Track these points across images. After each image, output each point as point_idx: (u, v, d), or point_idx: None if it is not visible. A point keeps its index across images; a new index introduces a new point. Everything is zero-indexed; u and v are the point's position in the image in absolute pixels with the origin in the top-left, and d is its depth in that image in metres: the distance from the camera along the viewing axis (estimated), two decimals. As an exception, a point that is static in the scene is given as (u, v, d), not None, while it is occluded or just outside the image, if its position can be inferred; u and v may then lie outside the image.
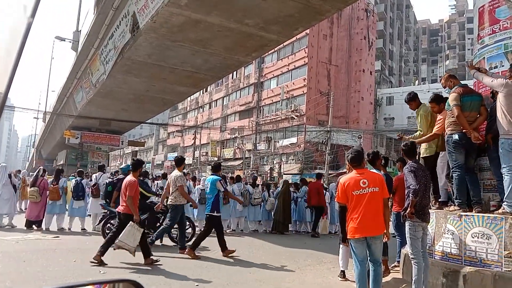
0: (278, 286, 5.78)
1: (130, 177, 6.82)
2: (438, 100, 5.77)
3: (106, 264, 6.33)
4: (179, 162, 8.34)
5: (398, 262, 6.55)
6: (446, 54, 76.56)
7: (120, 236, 6.44)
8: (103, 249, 6.44)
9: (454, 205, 5.35)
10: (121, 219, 6.69)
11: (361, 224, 4.31)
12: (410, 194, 4.74)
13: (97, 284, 1.18)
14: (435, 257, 5.37)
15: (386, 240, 4.61)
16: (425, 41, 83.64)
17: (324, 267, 7.27)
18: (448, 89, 5.66)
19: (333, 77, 41.01)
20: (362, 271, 4.41)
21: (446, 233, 5.26)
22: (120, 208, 6.78)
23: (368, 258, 4.47)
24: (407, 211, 4.77)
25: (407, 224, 4.88)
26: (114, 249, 6.58)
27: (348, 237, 4.52)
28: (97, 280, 1.16)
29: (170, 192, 7.93)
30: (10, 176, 10.88)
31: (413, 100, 6.15)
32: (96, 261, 6.29)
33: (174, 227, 8.39)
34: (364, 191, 4.35)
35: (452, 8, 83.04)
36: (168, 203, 8.06)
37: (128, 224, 6.50)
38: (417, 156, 5.41)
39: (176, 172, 8.03)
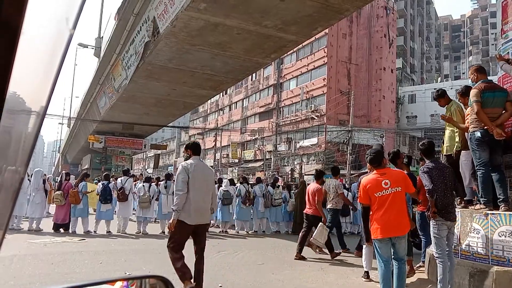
0: (301, 287, 5.78)
1: (315, 185, 8.16)
2: (466, 94, 5.71)
3: (306, 259, 7.73)
4: (319, 175, 8.84)
5: (423, 262, 6.45)
6: (469, 50, 74.90)
7: (313, 235, 7.67)
8: (300, 247, 7.83)
9: (480, 203, 5.25)
10: (310, 220, 8.02)
11: (385, 225, 4.31)
12: (426, 195, 4.76)
13: (126, 280, 1.22)
14: (461, 257, 5.27)
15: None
16: (447, 37, 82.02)
17: (348, 267, 7.23)
18: (472, 83, 5.56)
19: (353, 76, 40.64)
20: (387, 271, 4.39)
21: (472, 232, 5.17)
22: (308, 211, 8.05)
23: (392, 256, 4.45)
24: (429, 211, 4.75)
25: (431, 223, 4.84)
26: (306, 246, 8.03)
27: (372, 238, 4.51)
28: (126, 276, 1.20)
29: (330, 198, 8.95)
30: (44, 181, 11.15)
31: (442, 96, 5.99)
32: (297, 258, 7.66)
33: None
34: (387, 191, 4.33)
35: (474, 3, 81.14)
36: (328, 207, 9.06)
37: (319, 225, 7.73)
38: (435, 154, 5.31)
39: (334, 181, 9.08)
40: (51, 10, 0.61)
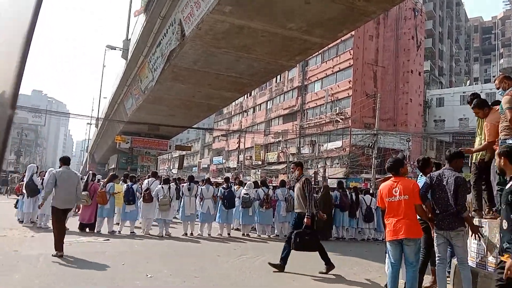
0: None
1: None
2: (482, 105, 5.48)
3: None
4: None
5: (449, 272, 6.26)
6: (500, 52, 72.61)
7: None
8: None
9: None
10: None
11: (393, 228, 4.74)
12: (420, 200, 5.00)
13: None
14: (489, 269, 5.08)
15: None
16: (477, 39, 79.81)
17: (370, 276, 7.09)
18: (502, 90, 5.37)
19: (380, 79, 40.06)
20: (393, 272, 4.83)
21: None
22: None
23: (405, 261, 4.87)
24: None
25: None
26: None
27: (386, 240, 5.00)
28: None
29: None
30: None
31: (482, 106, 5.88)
32: None
33: None
34: (395, 198, 4.80)
35: (506, 4, 78.63)
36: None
37: None
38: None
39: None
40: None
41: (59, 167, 7.77)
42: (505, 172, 3.72)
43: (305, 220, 6.77)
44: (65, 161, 7.77)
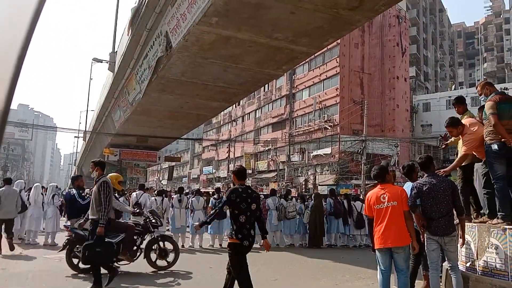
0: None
1: None
2: (456, 124, 5.51)
3: None
4: None
5: (440, 277, 6.31)
6: (484, 56, 73.94)
7: None
8: None
9: (498, 218, 5.13)
10: None
11: (383, 235, 4.71)
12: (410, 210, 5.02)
13: None
14: (479, 273, 5.14)
15: (414, 252, 4.99)
16: (460, 44, 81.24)
17: (363, 282, 7.11)
18: (484, 97, 5.48)
19: (366, 86, 40.46)
20: (384, 280, 4.82)
21: (490, 248, 5.04)
22: None
23: (395, 268, 4.82)
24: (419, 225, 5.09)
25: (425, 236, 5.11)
26: None
27: (374, 248, 4.93)
28: None
29: None
30: (54, 196, 11.26)
31: (461, 103, 5.97)
32: None
33: None
34: (383, 205, 4.77)
35: (487, 10, 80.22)
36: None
37: None
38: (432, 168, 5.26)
39: None
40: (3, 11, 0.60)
41: (2, 186, 9.84)
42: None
43: (98, 229, 5.83)
44: (7, 181, 10.12)
